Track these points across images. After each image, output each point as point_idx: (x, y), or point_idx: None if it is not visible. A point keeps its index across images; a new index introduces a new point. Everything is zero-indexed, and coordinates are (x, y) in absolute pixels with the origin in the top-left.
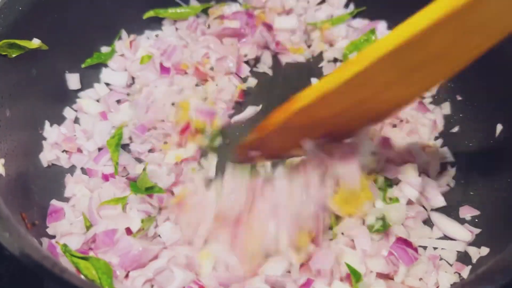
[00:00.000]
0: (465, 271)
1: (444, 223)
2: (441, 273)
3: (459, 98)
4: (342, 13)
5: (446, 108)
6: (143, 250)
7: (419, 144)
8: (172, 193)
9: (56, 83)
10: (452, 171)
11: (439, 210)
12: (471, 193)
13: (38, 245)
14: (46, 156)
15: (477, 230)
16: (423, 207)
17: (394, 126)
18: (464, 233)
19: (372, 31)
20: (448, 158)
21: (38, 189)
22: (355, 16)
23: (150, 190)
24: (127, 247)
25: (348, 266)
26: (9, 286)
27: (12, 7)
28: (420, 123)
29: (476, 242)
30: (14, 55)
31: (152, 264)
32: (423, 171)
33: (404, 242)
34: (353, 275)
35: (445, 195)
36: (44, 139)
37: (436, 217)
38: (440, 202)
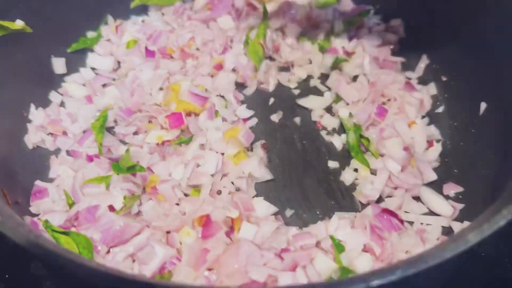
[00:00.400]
0: None
1: (431, 198)
2: (428, 246)
3: (444, 78)
4: None
5: (432, 89)
6: (124, 226)
7: (405, 121)
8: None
9: (42, 67)
10: (438, 146)
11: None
12: (455, 170)
13: (14, 214)
14: (31, 139)
15: (460, 206)
16: None
17: (383, 103)
18: (447, 209)
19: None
20: (434, 136)
21: (23, 171)
22: None
23: (131, 170)
24: (108, 223)
25: (332, 238)
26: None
27: None
28: (407, 102)
29: (459, 217)
30: None
31: (133, 240)
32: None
33: (389, 212)
34: (336, 247)
35: None
36: (29, 121)
37: (424, 191)
38: (432, 176)
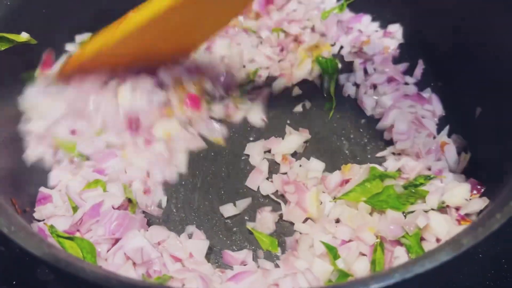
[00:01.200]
0: None
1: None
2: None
3: (439, 84)
4: None
5: (427, 93)
6: (126, 216)
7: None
8: None
9: None
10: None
11: None
12: None
13: (26, 224)
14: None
15: None
16: None
17: None
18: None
19: None
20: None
21: (29, 179)
22: None
23: None
24: (111, 214)
25: (323, 243)
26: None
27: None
28: (423, 116)
29: None
30: (3, 48)
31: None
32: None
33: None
34: (330, 251)
35: None
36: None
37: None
38: None
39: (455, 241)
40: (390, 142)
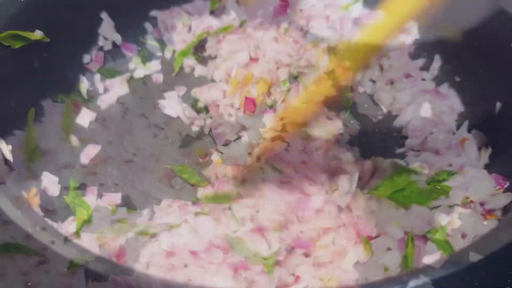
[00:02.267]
0: None
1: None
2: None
3: (457, 79)
4: None
5: (445, 89)
6: None
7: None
8: None
9: (58, 74)
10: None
11: None
12: None
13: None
14: None
15: None
16: None
17: None
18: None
19: None
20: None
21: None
22: None
23: None
24: None
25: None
26: None
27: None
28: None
29: None
30: (17, 46)
31: None
32: None
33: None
34: (365, 243)
35: None
36: None
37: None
38: None
39: (491, 237)
40: None
